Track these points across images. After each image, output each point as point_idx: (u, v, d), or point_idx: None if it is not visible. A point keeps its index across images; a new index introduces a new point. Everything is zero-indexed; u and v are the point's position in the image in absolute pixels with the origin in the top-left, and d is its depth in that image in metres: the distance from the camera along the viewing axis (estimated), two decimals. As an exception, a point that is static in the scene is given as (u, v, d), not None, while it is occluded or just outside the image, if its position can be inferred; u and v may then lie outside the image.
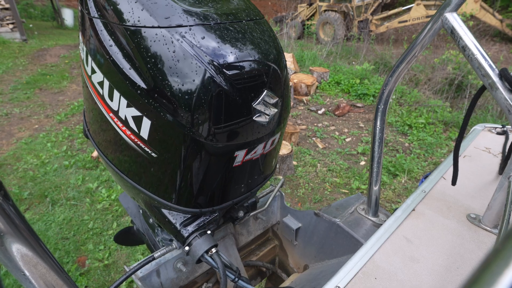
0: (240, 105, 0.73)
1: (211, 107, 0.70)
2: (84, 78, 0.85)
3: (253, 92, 0.74)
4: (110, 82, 0.75)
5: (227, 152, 0.79)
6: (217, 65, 0.68)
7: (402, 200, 3.53)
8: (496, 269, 0.20)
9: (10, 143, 4.56)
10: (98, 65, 0.77)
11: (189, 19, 0.68)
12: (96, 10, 0.75)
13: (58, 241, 2.91)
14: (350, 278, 0.83)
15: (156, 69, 0.68)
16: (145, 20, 0.68)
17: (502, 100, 0.80)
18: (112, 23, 0.72)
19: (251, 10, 0.82)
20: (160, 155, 0.78)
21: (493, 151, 1.50)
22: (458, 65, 6.61)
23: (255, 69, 0.73)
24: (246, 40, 0.74)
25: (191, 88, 0.69)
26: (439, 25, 0.94)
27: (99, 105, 0.82)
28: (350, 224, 1.30)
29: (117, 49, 0.72)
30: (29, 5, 16.08)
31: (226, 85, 0.69)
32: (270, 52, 0.77)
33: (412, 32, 12.13)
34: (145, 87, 0.70)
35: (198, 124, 0.72)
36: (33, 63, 8.16)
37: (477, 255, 0.91)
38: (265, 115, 0.78)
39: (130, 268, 0.94)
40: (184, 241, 0.89)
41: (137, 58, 0.69)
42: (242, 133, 0.77)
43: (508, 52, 9.47)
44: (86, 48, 0.80)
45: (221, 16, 0.73)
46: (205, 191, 0.86)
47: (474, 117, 5.34)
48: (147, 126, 0.74)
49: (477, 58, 0.83)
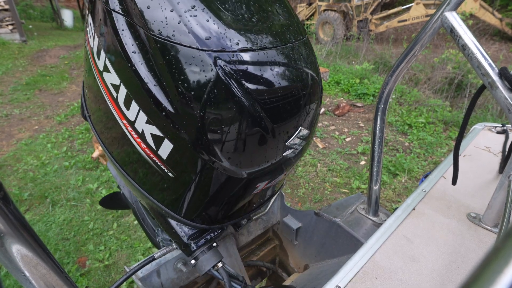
0: (275, 144, 0.68)
1: (245, 146, 0.65)
2: (92, 68, 0.74)
3: (290, 130, 0.69)
4: (128, 91, 0.65)
5: (250, 184, 0.76)
6: (257, 99, 0.61)
7: (402, 200, 3.53)
8: (496, 268, 0.20)
9: (10, 144, 4.56)
10: (115, 67, 0.66)
11: (232, 43, 0.59)
12: (119, 3, 0.63)
13: (58, 241, 2.91)
14: (351, 277, 0.83)
15: (188, 94, 0.59)
16: (181, 37, 0.58)
17: (502, 99, 0.80)
18: (139, 26, 0.61)
19: (297, 27, 0.73)
20: (177, 176, 0.71)
21: (493, 150, 1.50)
22: (458, 64, 6.61)
23: (295, 105, 0.67)
24: (289, 69, 0.66)
25: (226, 122, 0.61)
26: (438, 24, 0.94)
27: (110, 106, 0.72)
28: (350, 224, 1.30)
29: (142, 58, 0.61)
30: (29, 6, 16.09)
31: (264, 122, 0.63)
32: (310, 82, 0.70)
33: (411, 32, 12.13)
34: (171, 110, 0.61)
35: (228, 160, 0.66)
36: (32, 64, 8.16)
37: (478, 254, 0.91)
38: (294, 149, 0.74)
39: (130, 268, 0.94)
40: (190, 254, 0.88)
41: (165, 77, 0.60)
42: (269, 168, 0.74)
43: (507, 51, 9.46)
44: (99, 39, 0.68)
45: (267, 38, 0.63)
46: (218, 210, 0.83)
47: (474, 116, 5.34)
48: (167, 148, 0.66)
49: (477, 57, 0.83)
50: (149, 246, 2.87)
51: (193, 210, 0.79)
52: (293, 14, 0.74)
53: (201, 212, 0.80)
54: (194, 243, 0.87)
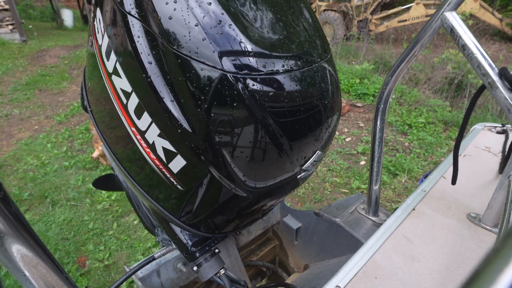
0: (292, 168, 0.67)
1: (263, 171, 0.63)
2: (98, 66, 0.69)
3: (308, 154, 0.68)
4: (140, 101, 0.61)
5: (259, 203, 0.76)
6: (279, 123, 0.58)
7: (402, 200, 3.53)
8: (496, 268, 0.20)
9: (10, 144, 4.56)
10: (127, 74, 0.62)
11: (259, 65, 0.55)
12: (135, 7, 0.58)
13: (58, 241, 2.91)
14: (351, 277, 0.83)
15: (207, 116, 0.56)
16: (205, 55, 0.53)
17: (502, 99, 0.80)
18: (158, 36, 0.56)
19: (322, 43, 0.69)
20: (187, 190, 0.69)
21: (493, 150, 1.50)
22: (458, 64, 6.61)
23: (317, 129, 0.66)
24: (313, 91, 0.63)
25: (246, 146, 0.58)
26: (438, 24, 0.94)
27: (117, 110, 0.67)
28: (350, 224, 1.30)
29: (159, 71, 0.57)
30: (29, 6, 16.10)
31: (284, 147, 0.61)
32: (332, 104, 0.68)
33: (411, 32, 12.13)
34: (188, 129, 0.58)
35: (242, 183, 0.64)
36: (32, 64, 8.16)
37: (477, 254, 0.91)
38: (307, 171, 0.73)
39: (130, 268, 0.95)
40: (193, 260, 0.87)
41: (183, 94, 0.56)
42: (281, 190, 0.73)
43: (507, 51, 9.46)
44: (110, 40, 0.63)
45: (294, 59, 0.60)
46: (224, 220, 0.82)
47: (474, 116, 5.34)
48: (179, 163, 0.63)
49: (477, 57, 0.83)
50: (149, 246, 2.87)
51: (199, 220, 0.78)
52: (319, 27, 0.70)
53: (207, 221, 0.79)
54: (197, 250, 0.86)
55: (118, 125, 0.70)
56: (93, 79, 0.77)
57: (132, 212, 3.29)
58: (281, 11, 0.62)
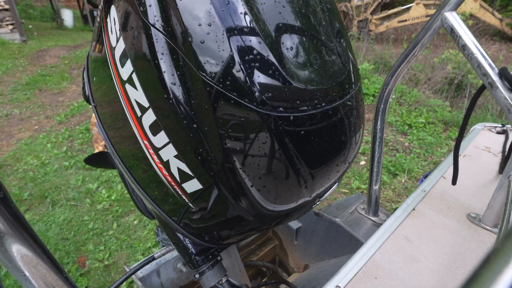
0: (310, 202, 0.67)
1: (283, 203, 0.62)
2: (110, 66, 0.64)
3: (327, 188, 0.67)
4: (158, 119, 0.56)
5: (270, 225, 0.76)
6: (307, 160, 0.57)
7: (402, 200, 3.53)
8: (496, 268, 0.20)
9: (10, 144, 4.56)
10: (145, 89, 0.56)
11: (294, 103, 0.52)
12: (161, 20, 0.51)
13: (58, 241, 2.92)
14: (351, 277, 0.83)
15: (233, 148, 0.53)
16: (238, 88, 0.49)
17: (502, 99, 0.80)
18: (186, 58, 0.51)
19: (355, 70, 0.65)
20: (198, 209, 0.66)
21: (493, 150, 1.50)
22: (458, 64, 6.60)
23: (340, 164, 0.65)
24: (343, 125, 0.60)
25: (269, 180, 0.56)
26: (438, 24, 0.94)
27: (128, 118, 0.63)
28: (350, 224, 1.30)
29: (182, 94, 0.52)
30: (29, 6, 16.10)
31: (306, 184, 0.60)
32: (358, 138, 0.67)
33: (411, 32, 12.13)
34: (209, 158, 0.55)
35: (256, 214, 0.62)
36: (32, 64, 8.16)
37: (477, 254, 0.91)
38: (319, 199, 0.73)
39: (130, 268, 0.95)
40: (195, 268, 0.87)
41: (208, 123, 0.52)
42: (294, 215, 0.72)
43: (507, 51, 9.46)
44: (126, 46, 0.57)
45: (329, 95, 0.57)
46: (230, 234, 0.80)
47: (474, 116, 5.34)
48: (194, 186, 0.60)
49: (477, 57, 0.83)
50: (149, 246, 2.87)
51: (205, 231, 0.77)
52: (350, 50, 0.67)
53: (213, 233, 0.78)
54: (201, 259, 0.85)
55: (124, 125, 0.66)
56: (100, 75, 0.72)
57: (132, 212, 3.29)
58: (317, 36, 0.58)
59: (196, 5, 0.50)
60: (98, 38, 0.69)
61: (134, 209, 3.34)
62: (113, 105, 0.68)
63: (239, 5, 0.49)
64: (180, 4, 0.50)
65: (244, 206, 0.60)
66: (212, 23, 0.49)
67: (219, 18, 0.49)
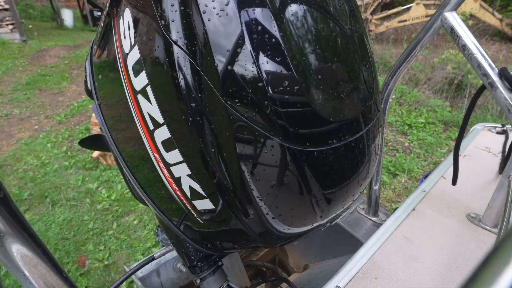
0: (322, 222, 0.67)
1: (297, 230, 0.62)
2: (120, 72, 0.60)
3: (338, 212, 0.68)
4: (173, 138, 0.54)
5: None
6: (325, 195, 0.56)
7: (402, 200, 3.53)
8: (496, 268, 0.20)
9: (10, 144, 4.56)
10: (161, 105, 0.53)
11: (320, 139, 0.51)
12: (185, 38, 0.47)
13: (58, 241, 2.91)
14: (350, 277, 0.83)
15: (251, 177, 0.51)
16: (264, 122, 0.47)
17: (502, 99, 0.80)
18: (210, 83, 0.47)
19: (377, 94, 0.64)
20: (206, 224, 0.65)
21: (493, 151, 1.50)
22: (458, 64, 6.60)
23: (355, 193, 0.65)
24: (362, 156, 0.60)
25: (286, 210, 0.56)
26: (438, 24, 0.94)
27: (139, 129, 0.60)
28: (350, 224, 1.30)
29: (203, 117, 0.49)
30: (29, 6, 16.10)
31: (323, 212, 0.60)
32: (375, 170, 0.67)
33: (411, 32, 12.13)
34: (226, 184, 0.53)
35: (270, 236, 0.61)
36: (32, 64, 8.16)
37: (477, 254, 0.91)
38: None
39: (130, 268, 0.94)
40: (197, 273, 0.87)
41: (228, 150, 0.50)
42: (302, 236, 0.73)
43: (507, 52, 9.46)
44: (141, 57, 0.53)
45: (353, 127, 0.55)
46: (234, 244, 0.80)
47: (474, 116, 5.34)
48: (206, 205, 0.59)
49: (477, 57, 0.83)
50: (148, 246, 2.87)
51: (209, 240, 0.76)
52: (375, 74, 0.64)
53: (216, 243, 0.77)
54: (202, 265, 0.85)
55: (129, 126, 0.64)
56: (107, 76, 0.69)
57: (132, 212, 3.29)
58: (347, 63, 0.55)
59: (226, 28, 0.46)
60: (107, 36, 0.65)
61: (134, 209, 3.34)
62: (120, 110, 0.65)
63: (272, 30, 0.46)
64: (208, 25, 0.46)
65: (255, 229, 0.59)
66: (242, 50, 0.45)
67: (251, 45, 0.45)
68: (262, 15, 0.46)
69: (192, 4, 0.46)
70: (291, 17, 0.48)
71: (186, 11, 0.47)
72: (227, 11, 0.45)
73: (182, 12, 0.47)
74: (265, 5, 0.46)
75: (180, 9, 0.47)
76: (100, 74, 0.72)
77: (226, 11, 0.45)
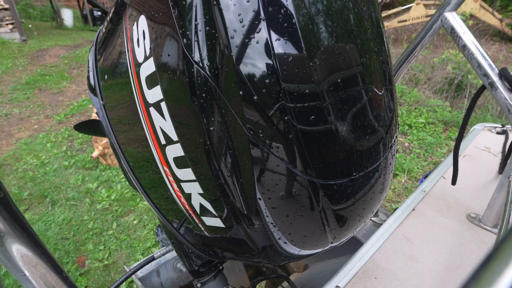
0: (330, 245, 0.68)
1: (305, 253, 0.63)
2: (131, 80, 0.57)
3: (348, 235, 0.68)
4: (187, 158, 0.52)
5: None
6: (337, 223, 0.56)
7: (402, 200, 3.53)
8: (496, 269, 0.20)
9: (9, 144, 4.56)
10: (176, 124, 0.51)
11: (341, 173, 0.50)
12: (208, 60, 0.44)
13: (58, 241, 2.91)
14: (350, 277, 0.83)
15: (267, 208, 0.51)
16: (286, 155, 0.46)
17: (502, 99, 0.80)
18: (232, 109, 0.45)
19: (396, 121, 0.61)
20: (213, 237, 0.64)
21: (493, 151, 1.50)
22: (458, 64, 6.61)
23: (368, 218, 0.66)
24: (377, 186, 0.59)
25: (299, 236, 0.56)
26: (438, 24, 0.94)
27: (150, 143, 0.58)
28: (350, 224, 1.29)
29: (220, 142, 0.47)
30: (29, 6, 16.09)
31: (335, 237, 0.60)
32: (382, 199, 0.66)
33: (411, 32, 12.13)
34: (240, 209, 0.52)
35: (277, 257, 0.61)
36: (32, 64, 8.16)
37: (477, 254, 0.91)
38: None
39: (130, 268, 0.94)
40: (197, 277, 0.87)
41: (246, 177, 0.49)
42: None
43: (507, 52, 9.47)
44: (157, 70, 0.50)
45: (372, 157, 0.54)
46: (237, 257, 0.78)
47: (474, 116, 5.35)
48: (215, 223, 0.58)
49: (477, 57, 0.84)
50: (148, 246, 2.87)
51: (213, 249, 0.76)
52: (395, 99, 0.62)
53: (218, 251, 0.77)
54: (204, 270, 0.85)
55: (136, 127, 0.61)
56: (114, 80, 0.66)
57: (131, 212, 3.29)
58: (373, 91, 0.52)
59: (255, 57, 0.42)
60: (116, 36, 0.62)
61: (134, 209, 3.34)
62: (128, 116, 0.63)
63: (303, 61, 0.43)
64: (235, 51, 0.42)
65: (264, 249, 0.59)
66: (270, 81, 0.42)
67: (281, 75, 0.42)
68: (293, 47, 0.43)
69: (219, 27, 0.43)
70: (324, 56, 0.45)
71: (212, 32, 0.43)
72: (257, 39, 0.42)
73: (207, 33, 0.43)
74: (299, 46, 0.42)
75: (205, 29, 0.43)
76: (106, 74, 0.70)
77: (257, 39, 0.42)
